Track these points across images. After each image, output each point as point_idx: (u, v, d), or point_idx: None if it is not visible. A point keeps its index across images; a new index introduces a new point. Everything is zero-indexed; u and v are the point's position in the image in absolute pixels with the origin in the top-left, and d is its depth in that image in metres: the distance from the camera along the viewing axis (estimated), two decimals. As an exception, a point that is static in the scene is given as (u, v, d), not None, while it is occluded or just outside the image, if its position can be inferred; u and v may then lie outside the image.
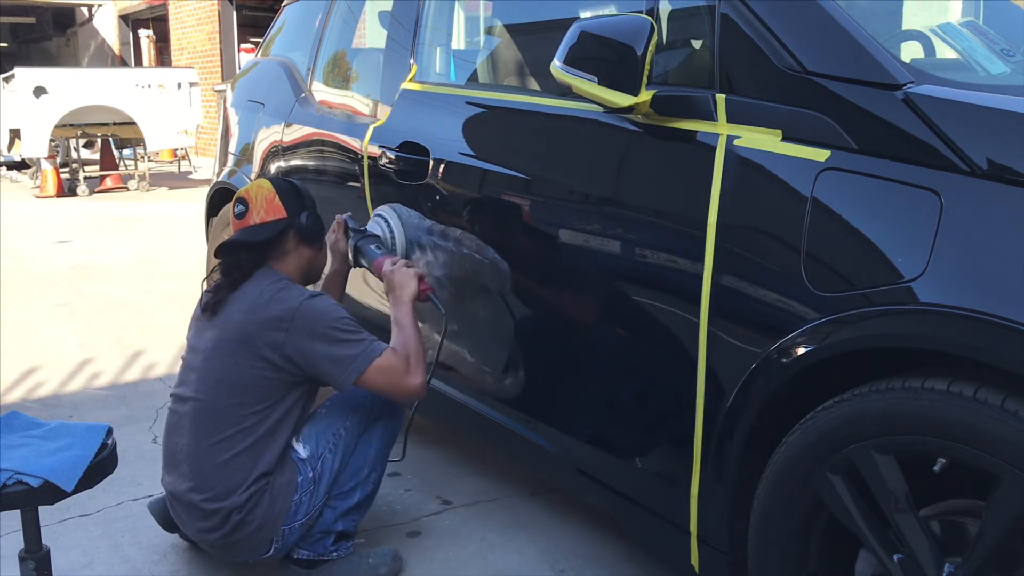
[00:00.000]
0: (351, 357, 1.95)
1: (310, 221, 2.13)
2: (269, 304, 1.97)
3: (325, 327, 1.95)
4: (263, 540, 2.00)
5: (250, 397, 1.96)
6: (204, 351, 2.03)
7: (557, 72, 1.76)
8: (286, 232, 2.10)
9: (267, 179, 2.15)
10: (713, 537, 1.70)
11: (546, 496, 2.58)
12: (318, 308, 1.98)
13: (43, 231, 7.47)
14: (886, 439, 1.34)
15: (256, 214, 2.09)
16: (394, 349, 2.01)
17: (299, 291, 2.01)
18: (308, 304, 1.97)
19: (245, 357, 1.95)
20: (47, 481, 1.74)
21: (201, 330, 2.08)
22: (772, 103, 1.55)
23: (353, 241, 2.31)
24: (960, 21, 2.35)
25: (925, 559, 1.33)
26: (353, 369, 1.95)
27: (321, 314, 1.97)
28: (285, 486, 2.00)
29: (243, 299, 2.01)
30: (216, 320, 2.03)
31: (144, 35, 15.67)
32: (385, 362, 1.97)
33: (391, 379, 1.98)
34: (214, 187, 3.58)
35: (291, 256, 2.12)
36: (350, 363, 1.95)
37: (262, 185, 2.12)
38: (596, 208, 1.87)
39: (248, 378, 1.96)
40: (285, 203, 2.09)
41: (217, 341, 2.00)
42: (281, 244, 2.10)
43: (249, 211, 2.10)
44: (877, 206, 1.38)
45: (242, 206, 2.11)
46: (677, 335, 1.69)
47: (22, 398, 3.43)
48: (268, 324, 1.95)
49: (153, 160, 12.65)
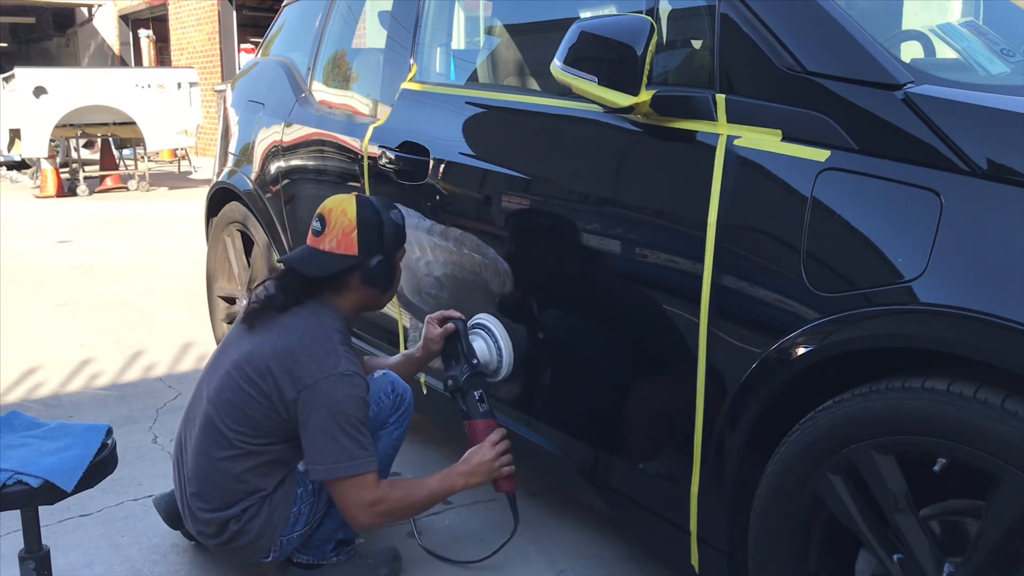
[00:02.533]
0: (336, 459, 1.84)
1: (380, 267, 1.98)
2: (299, 358, 1.87)
3: (334, 413, 1.84)
4: (261, 548, 1.99)
5: (254, 429, 1.91)
6: (232, 360, 1.95)
7: (557, 72, 1.76)
8: (351, 272, 1.98)
9: (358, 201, 1.98)
10: (713, 537, 1.70)
11: (546, 496, 2.58)
12: (340, 393, 1.84)
13: (43, 231, 7.47)
14: (886, 439, 1.34)
15: (329, 241, 1.96)
16: (390, 484, 1.93)
17: (336, 359, 1.87)
18: (332, 383, 1.84)
19: (258, 391, 1.89)
20: (47, 481, 1.74)
21: (238, 335, 2.00)
22: (772, 103, 1.55)
23: (458, 376, 2.10)
24: (960, 21, 2.35)
25: (925, 559, 1.33)
26: (330, 469, 1.85)
27: (339, 401, 1.84)
28: (284, 498, 1.97)
29: (283, 332, 1.91)
30: (252, 336, 1.95)
31: (144, 35, 15.66)
32: (361, 485, 1.86)
33: (352, 500, 1.87)
34: (214, 187, 3.58)
35: (351, 293, 2.01)
36: (331, 461, 1.84)
37: (347, 211, 1.96)
38: (596, 208, 1.87)
39: (255, 411, 1.90)
40: (361, 241, 1.95)
41: (243, 359, 1.92)
42: (343, 281, 1.99)
43: (324, 234, 1.96)
44: (877, 206, 1.38)
45: (320, 224, 1.97)
46: (677, 335, 1.69)
47: (22, 398, 3.43)
48: (290, 375, 1.86)
49: (153, 160, 12.65)
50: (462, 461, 2.05)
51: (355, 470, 1.85)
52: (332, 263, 1.96)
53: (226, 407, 1.92)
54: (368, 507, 1.88)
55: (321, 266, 1.96)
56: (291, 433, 1.92)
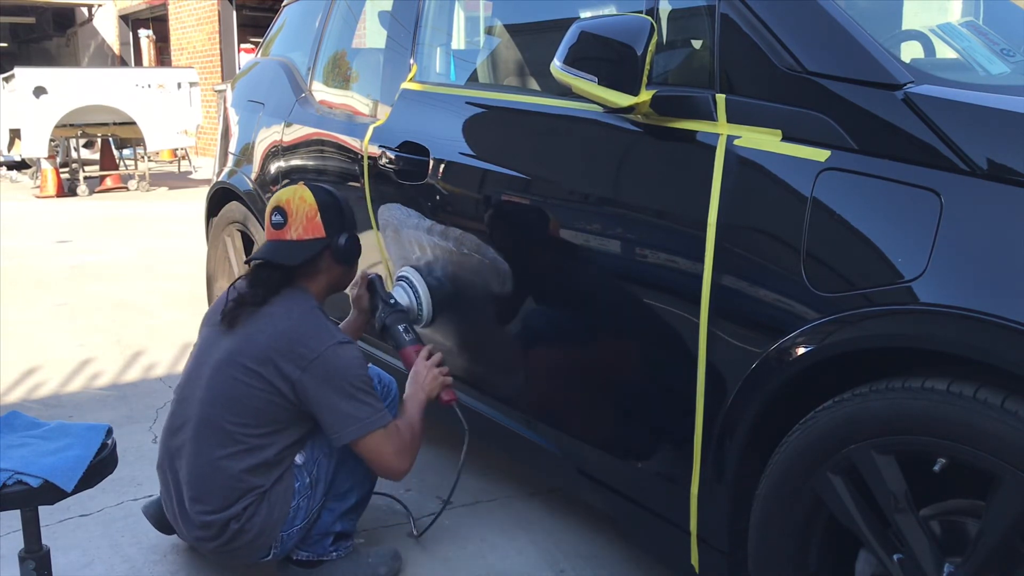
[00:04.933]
0: (355, 418, 1.92)
1: (348, 243, 2.07)
2: (295, 337, 1.92)
3: (342, 380, 1.91)
4: (261, 546, 1.99)
5: (257, 420, 1.93)
6: (216, 360, 1.98)
7: (557, 72, 1.76)
8: (322, 253, 2.05)
9: (309, 187, 2.07)
10: (713, 537, 1.70)
11: (546, 496, 2.58)
12: (342, 359, 1.92)
13: (43, 231, 7.47)
14: (886, 439, 1.34)
15: (294, 229, 2.02)
16: (397, 427, 2.00)
17: (329, 333, 1.95)
18: (333, 351, 1.92)
19: (258, 379, 1.91)
20: (47, 481, 1.74)
21: (216, 337, 2.03)
22: (772, 103, 1.55)
23: (382, 317, 2.27)
24: (960, 21, 2.35)
25: (925, 559, 1.33)
26: (352, 431, 1.92)
27: (344, 366, 1.92)
28: (283, 493, 1.98)
29: (269, 320, 1.96)
30: (235, 333, 1.98)
31: (144, 35, 15.66)
32: (384, 436, 1.95)
33: (382, 453, 1.96)
34: (214, 187, 3.58)
35: (322, 275, 2.07)
36: (352, 423, 1.92)
37: (304, 198, 2.03)
38: (596, 208, 1.87)
39: (258, 401, 1.92)
40: (326, 222, 2.03)
41: (233, 354, 1.95)
42: (315, 264, 2.05)
43: (288, 224, 2.02)
44: (877, 206, 1.38)
45: (280, 217, 2.03)
46: (677, 335, 1.69)
47: (22, 398, 3.43)
48: (289, 356, 1.91)
49: (153, 160, 12.65)
50: (411, 383, 2.16)
51: (383, 421, 1.95)
52: (305, 248, 2.02)
53: (225, 403, 1.93)
54: (400, 453, 1.98)
55: (295, 254, 2.02)
56: (294, 418, 1.95)
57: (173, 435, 2.04)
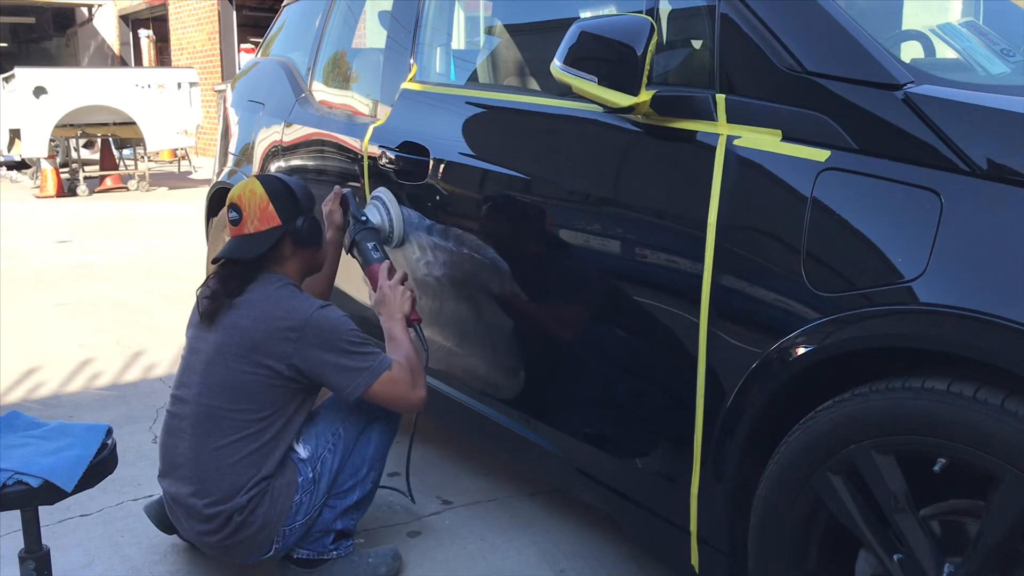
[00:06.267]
0: (360, 370, 1.96)
1: (306, 226, 2.09)
2: (278, 313, 1.95)
3: (336, 339, 1.95)
4: (264, 541, 2.00)
5: (254, 404, 1.95)
6: (206, 355, 2.00)
7: (557, 72, 1.76)
8: (282, 240, 2.06)
9: (259, 179, 2.09)
10: (713, 537, 1.70)
11: (546, 496, 2.58)
12: (330, 320, 1.97)
13: (43, 231, 7.47)
14: (886, 439, 1.34)
15: (250, 223, 2.04)
16: (399, 363, 2.02)
17: (309, 302, 2.00)
18: (319, 315, 1.96)
19: (251, 364, 1.94)
20: (47, 481, 1.74)
21: (200, 336, 2.05)
22: (772, 103, 1.55)
23: (352, 233, 2.30)
24: (960, 21, 2.35)
25: (925, 559, 1.33)
26: (362, 382, 1.96)
27: (333, 326, 1.96)
28: (286, 487, 1.99)
29: (249, 306, 1.98)
30: (218, 325, 2.00)
31: (144, 35, 15.67)
32: (393, 376, 1.99)
33: (396, 392, 2.01)
34: (214, 187, 3.58)
35: (289, 261, 2.10)
36: (359, 375, 1.96)
37: (255, 190, 2.06)
38: (596, 208, 1.87)
39: (253, 385, 1.95)
40: (279, 209, 2.05)
41: (222, 346, 1.98)
42: (278, 251, 2.07)
43: (244, 219, 2.05)
44: (877, 206, 1.38)
45: (236, 213, 2.06)
46: (677, 335, 1.69)
47: (22, 398, 3.43)
48: (277, 334, 1.94)
49: (153, 160, 12.65)
50: (381, 306, 2.18)
51: (387, 363, 2.00)
52: (264, 239, 2.04)
53: (220, 392, 1.96)
54: (413, 384, 2.03)
55: (255, 246, 2.04)
56: (292, 394, 1.99)
57: (170, 435, 2.05)
